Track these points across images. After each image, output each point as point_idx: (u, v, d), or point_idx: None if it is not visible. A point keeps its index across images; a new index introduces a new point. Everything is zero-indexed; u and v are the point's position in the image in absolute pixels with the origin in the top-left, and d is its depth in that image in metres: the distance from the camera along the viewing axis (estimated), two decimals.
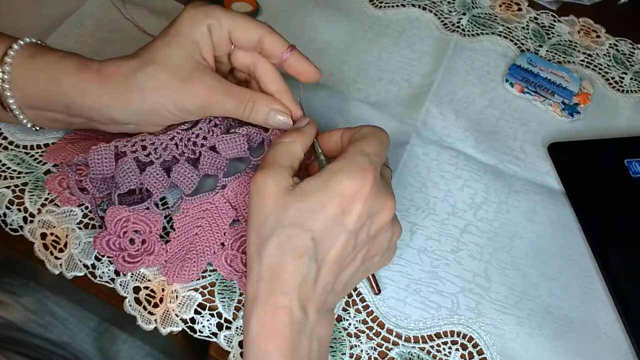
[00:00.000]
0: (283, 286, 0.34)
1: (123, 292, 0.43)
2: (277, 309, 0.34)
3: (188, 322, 0.42)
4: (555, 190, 0.50)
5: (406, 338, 0.42)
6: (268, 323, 0.34)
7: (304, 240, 0.34)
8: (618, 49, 0.61)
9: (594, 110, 0.55)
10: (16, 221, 0.45)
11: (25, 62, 0.40)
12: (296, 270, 0.34)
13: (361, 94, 0.55)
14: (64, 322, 0.65)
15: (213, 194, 0.44)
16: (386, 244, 0.38)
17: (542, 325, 0.43)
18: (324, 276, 0.35)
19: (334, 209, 0.34)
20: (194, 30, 0.39)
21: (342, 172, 0.35)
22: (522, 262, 0.46)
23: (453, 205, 0.48)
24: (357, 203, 0.34)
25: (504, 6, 0.63)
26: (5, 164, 0.47)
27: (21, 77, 0.40)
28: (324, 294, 0.36)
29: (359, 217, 0.35)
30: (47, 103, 0.41)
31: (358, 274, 0.38)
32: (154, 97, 0.39)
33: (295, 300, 0.34)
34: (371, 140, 0.38)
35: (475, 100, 0.55)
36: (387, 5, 0.62)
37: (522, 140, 0.53)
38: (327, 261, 0.35)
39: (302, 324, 0.34)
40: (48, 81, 0.40)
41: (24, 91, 0.40)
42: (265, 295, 0.34)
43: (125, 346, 0.67)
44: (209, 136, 0.43)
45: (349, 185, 0.34)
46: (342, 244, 0.35)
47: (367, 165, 0.35)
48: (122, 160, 0.41)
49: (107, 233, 0.42)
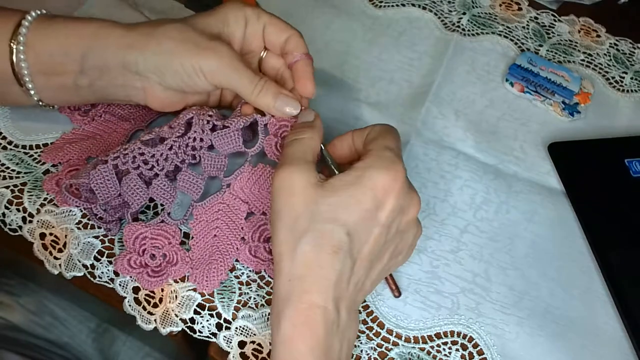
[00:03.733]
0: (319, 284, 0.33)
1: (122, 292, 0.43)
2: (311, 308, 0.33)
3: (187, 322, 0.42)
4: (555, 190, 0.50)
5: (406, 338, 0.42)
6: (301, 323, 0.33)
7: (339, 235, 0.34)
8: (618, 48, 0.60)
9: (594, 109, 0.55)
10: (15, 221, 0.45)
11: (42, 24, 0.40)
12: (333, 267, 0.33)
13: (361, 94, 0.55)
14: (63, 322, 0.65)
15: (222, 194, 0.44)
16: (411, 241, 0.39)
17: (542, 325, 0.43)
18: (357, 272, 0.35)
19: (368, 203, 0.34)
20: (231, 15, 0.42)
21: (373, 167, 0.35)
22: (522, 262, 0.46)
23: (453, 205, 0.48)
24: (390, 197, 0.35)
25: (504, 6, 0.63)
26: (4, 163, 0.47)
27: (37, 37, 0.40)
28: (355, 292, 0.35)
29: (392, 211, 0.35)
30: (60, 59, 0.40)
31: (384, 271, 0.38)
32: (173, 45, 0.39)
33: (331, 299, 0.33)
34: (388, 136, 0.38)
35: (475, 100, 0.55)
36: (387, 5, 0.62)
37: (522, 140, 0.53)
38: (361, 256, 0.35)
39: (335, 324, 0.34)
40: (66, 33, 0.40)
41: (39, 50, 0.40)
42: (299, 294, 0.33)
43: (125, 346, 0.67)
44: (205, 137, 0.43)
45: (382, 179, 0.34)
46: (375, 238, 0.35)
47: (395, 159, 0.36)
48: (126, 178, 0.42)
49: (127, 252, 0.42)
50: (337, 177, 0.35)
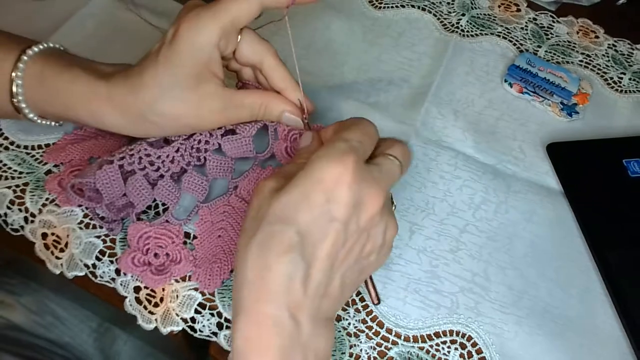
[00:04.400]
0: (268, 291, 0.30)
1: (123, 291, 0.43)
2: (263, 319, 0.30)
3: (188, 321, 0.42)
4: (554, 190, 0.50)
5: (405, 337, 0.42)
6: (254, 336, 0.30)
7: (288, 234, 0.31)
8: (617, 49, 0.61)
9: (592, 110, 0.56)
10: (17, 221, 0.45)
11: (36, 81, 0.40)
12: (281, 270, 0.31)
13: (361, 95, 0.55)
14: (64, 322, 0.65)
15: (227, 197, 0.45)
16: (380, 240, 0.35)
17: (541, 325, 0.43)
18: (314, 275, 0.32)
19: (317, 197, 0.32)
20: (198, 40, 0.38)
21: (320, 158, 0.33)
22: (521, 262, 0.46)
23: (452, 205, 0.48)
24: (340, 189, 0.32)
25: (502, 7, 0.63)
26: (6, 164, 0.47)
27: (33, 95, 0.41)
28: (317, 298, 0.32)
29: (346, 205, 0.32)
30: (52, 111, 0.42)
31: (353, 274, 0.35)
32: (173, 125, 0.40)
33: (284, 307, 0.30)
34: (352, 128, 0.36)
35: (474, 100, 0.55)
36: (387, 6, 0.62)
37: (521, 141, 0.53)
38: (317, 257, 0.32)
39: (294, 336, 0.31)
40: (62, 106, 0.41)
41: (38, 108, 0.41)
42: (250, 303, 0.31)
43: (126, 346, 0.67)
44: (211, 139, 0.43)
45: (329, 169, 0.32)
46: (332, 236, 0.32)
47: (346, 149, 0.33)
48: (132, 178, 0.42)
49: (131, 250, 0.42)
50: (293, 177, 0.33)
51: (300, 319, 0.31)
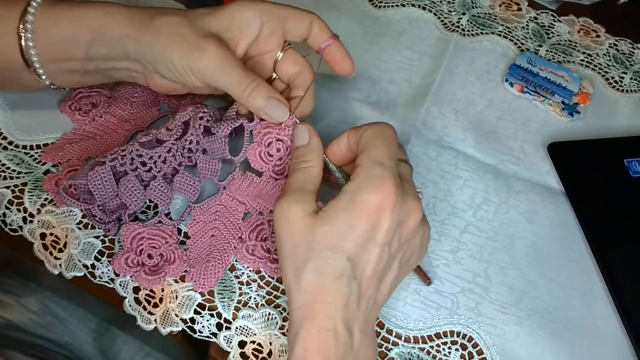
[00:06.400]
0: (328, 309, 0.33)
1: (123, 292, 0.43)
2: (322, 332, 0.33)
3: (188, 322, 0.42)
4: (555, 190, 0.50)
5: (406, 338, 0.42)
6: (313, 347, 0.33)
7: (340, 262, 0.34)
8: (618, 48, 0.60)
9: (593, 110, 0.55)
10: (16, 221, 0.45)
11: (48, 9, 0.41)
12: (338, 292, 0.34)
13: (361, 94, 0.55)
14: (64, 322, 0.65)
15: (219, 196, 0.45)
16: (419, 244, 0.38)
17: (541, 325, 0.43)
18: (365, 291, 0.35)
19: (363, 227, 0.34)
20: (241, 17, 0.42)
21: (362, 189, 0.34)
22: (521, 262, 0.46)
23: (453, 205, 0.48)
24: (384, 216, 0.34)
25: (503, 6, 0.63)
26: (5, 164, 0.47)
27: (44, 24, 0.40)
28: (367, 311, 0.35)
29: (389, 229, 0.34)
30: (67, 47, 0.41)
31: (397, 279, 0.38)
32: (165, 40, 0.40)
33: (340, 321, 0.33)
34: (378, 144, 0.37)
35: (475, 100, 0.55)
36: (387, 5, 0.62)
37: (522, 140, 0.53)
38: (366, 277, 0.35)
39: (348, 346, 0.34)
40: (71, 21, 0.41)
41: (47, 39, 0.41)
42: (310, 319, 0.34)
43: (125, 346, 0.67)
44: (202, 140, 0.43)
45: (373, 200, 0.34)
46: (377, 257, 0.35)
47: (384, 174, 0.35)
48: (124, 179, 0.42)
49: (125, 252, 0.42)
50: (330, 204, 0.35)
51: (353, 330, 0.34)
